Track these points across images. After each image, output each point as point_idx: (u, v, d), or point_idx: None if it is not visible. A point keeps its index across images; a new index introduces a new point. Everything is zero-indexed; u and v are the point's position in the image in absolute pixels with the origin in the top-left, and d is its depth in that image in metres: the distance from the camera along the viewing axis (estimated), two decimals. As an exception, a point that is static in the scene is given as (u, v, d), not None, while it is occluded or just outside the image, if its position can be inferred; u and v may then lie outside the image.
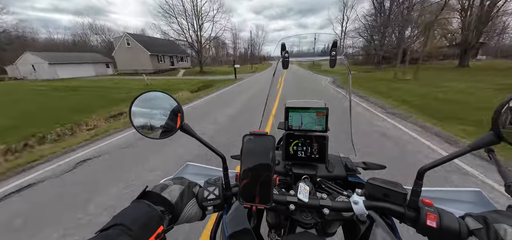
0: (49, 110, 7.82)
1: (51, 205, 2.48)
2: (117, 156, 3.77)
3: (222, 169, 0.56)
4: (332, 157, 0.77)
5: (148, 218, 0.40)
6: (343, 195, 0.57)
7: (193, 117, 6.19)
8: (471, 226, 0.41)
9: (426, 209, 0.45)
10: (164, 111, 0.51)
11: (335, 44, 0.69)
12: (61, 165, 3.53)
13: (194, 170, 0.81)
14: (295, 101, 0.74)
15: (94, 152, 3.98)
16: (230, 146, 3.85)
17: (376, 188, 0.49)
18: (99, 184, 2.84)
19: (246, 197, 0.48)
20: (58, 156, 3.93)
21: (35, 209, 2.42)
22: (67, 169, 3.34)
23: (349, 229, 0.67)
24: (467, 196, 0.59)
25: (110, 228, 0.36)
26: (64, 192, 2.72)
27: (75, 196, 2.60)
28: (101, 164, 3.49)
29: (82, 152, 4.04)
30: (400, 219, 0.49)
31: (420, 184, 0.46)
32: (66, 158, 3.80)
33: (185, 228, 1.93)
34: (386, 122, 5.03)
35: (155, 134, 0.52)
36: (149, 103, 0.51)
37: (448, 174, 2.73)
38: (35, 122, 6.05)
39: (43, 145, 4.58)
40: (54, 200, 2.57)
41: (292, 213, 0.54)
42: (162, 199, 0.47)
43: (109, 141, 4.57)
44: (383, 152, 3.43)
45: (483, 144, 0.41)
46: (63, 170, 3.34)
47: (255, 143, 0.49)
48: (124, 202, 2.41)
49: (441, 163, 0.44)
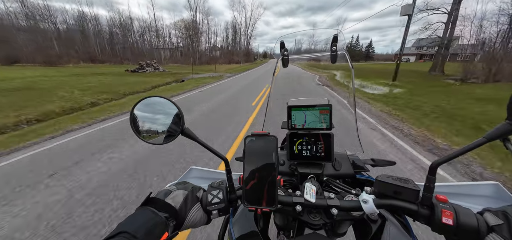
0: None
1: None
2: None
3: (226, 172, 0.55)
4: (339, 155, 0.75)
5: (152, 224, 0.40)
6: (351, 193, 0.55)
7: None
8: (491, 222, 0.38)
9: (441, 205, 0.43)
10: (165, 116, 0.51)
11: (336, 39, 0.67)
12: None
13: (198, 174, 0.80)
14: (297, 99, 0.72)
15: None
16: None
17: (386, 185, 0.47)
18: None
19: (251, 200, 0.47)
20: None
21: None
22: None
23: (360, 229, 0.65)
24: (484, 190, 0.56)
25: (115, 236, 0.36)
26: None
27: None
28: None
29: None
30: (413, 217, 0.47)
31: (433, 180, 0.44)
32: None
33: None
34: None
35: (158, 139, 0.52)
36: (149, 108, 0.51)
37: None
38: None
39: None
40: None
41: (300, 214, 0.53)
42: (166, 205, 0.47)
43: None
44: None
45: (499, 134, 0.38)
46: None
47: (257, 144, 0.48)
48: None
49: (455, 156, 0.42)
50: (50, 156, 3.71)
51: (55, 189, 2.69)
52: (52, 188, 2.72)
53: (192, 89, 11.30)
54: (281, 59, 0.70)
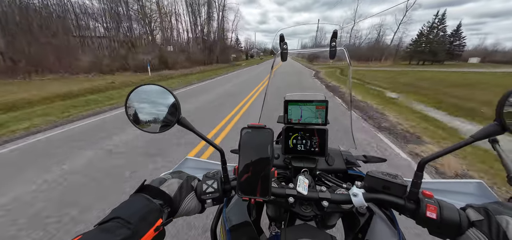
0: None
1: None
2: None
3: (221, 163, 0.56)
4: (332, 151, 0.77)
5: (146, 211, 0.41)
6: (342, 187, 0.56)
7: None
8: (472, 218, 0.40)
9: (426, 200, 0.45)
10: (161, 104, 0.51)
11: (335, 35, 0.67)
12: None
13: (193, 164, 0.81)
14: (294, 94, 0.73)
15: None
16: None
17: (376, 180, 0.49)
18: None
19: (245, 190, 0.48)
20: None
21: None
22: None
23: (349, 221, 0.67)
24: (468, 187, 0.59)
25: (109, 221, 0.37)
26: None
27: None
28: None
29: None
30: (400, 211, 0.49)
31: (420, 176, 0.46)
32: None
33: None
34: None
35: (153, 128, 0.52)
36: (145, 96, 0.51)
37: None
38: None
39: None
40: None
41: (292, 205, 0.54)
42: (161, 192, 0.47)
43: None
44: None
45: (487, 134, 0.40)
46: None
47: (253, 136, 0.49)
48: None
49: (443, 154, 0.43)
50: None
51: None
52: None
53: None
54: (280, 53, 0.70)
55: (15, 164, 3.26)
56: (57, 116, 5.80)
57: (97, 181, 2.72)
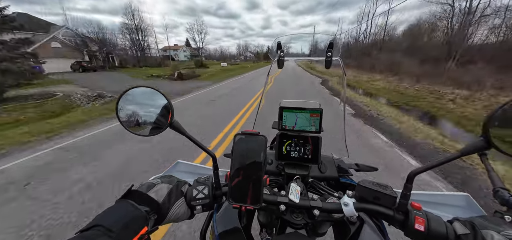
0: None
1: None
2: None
3: (213, 168, 0.55)
4: (325, 158, 0.77)
5: (131, 218, 0.39)
6: (334, 196, 0.56)
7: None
8: (459, 231, 0.41)
9: (415, 212, 0.45)
10: (153, 107, 0.50)
11: (332, 45, 0.68)
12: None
13: (184, 168, 0.79)
14: (289, 101, 0.73)
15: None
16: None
17: (367, 190, 0.49)
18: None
19: (236, 197, 0.47)
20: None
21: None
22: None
23: (339, 229, 0.67)
24: (455, 200, 0.60)
25: (90, 229, 0.35)
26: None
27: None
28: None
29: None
30: (389, 221, 0.49)
31: (409, 188, 0.46)
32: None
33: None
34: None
35: (144, 131, 0.50)
36: (137, 99, 0.49)
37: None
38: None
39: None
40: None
41: (283, 213, 0.54)
42: (148, 198, 0.46)
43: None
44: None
45: (474, 149, 0.41)
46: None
47: (246, 143, 0.49)
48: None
49: (431, 168, 0.44)
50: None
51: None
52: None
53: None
54: (277, 60, 0.71)
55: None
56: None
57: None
